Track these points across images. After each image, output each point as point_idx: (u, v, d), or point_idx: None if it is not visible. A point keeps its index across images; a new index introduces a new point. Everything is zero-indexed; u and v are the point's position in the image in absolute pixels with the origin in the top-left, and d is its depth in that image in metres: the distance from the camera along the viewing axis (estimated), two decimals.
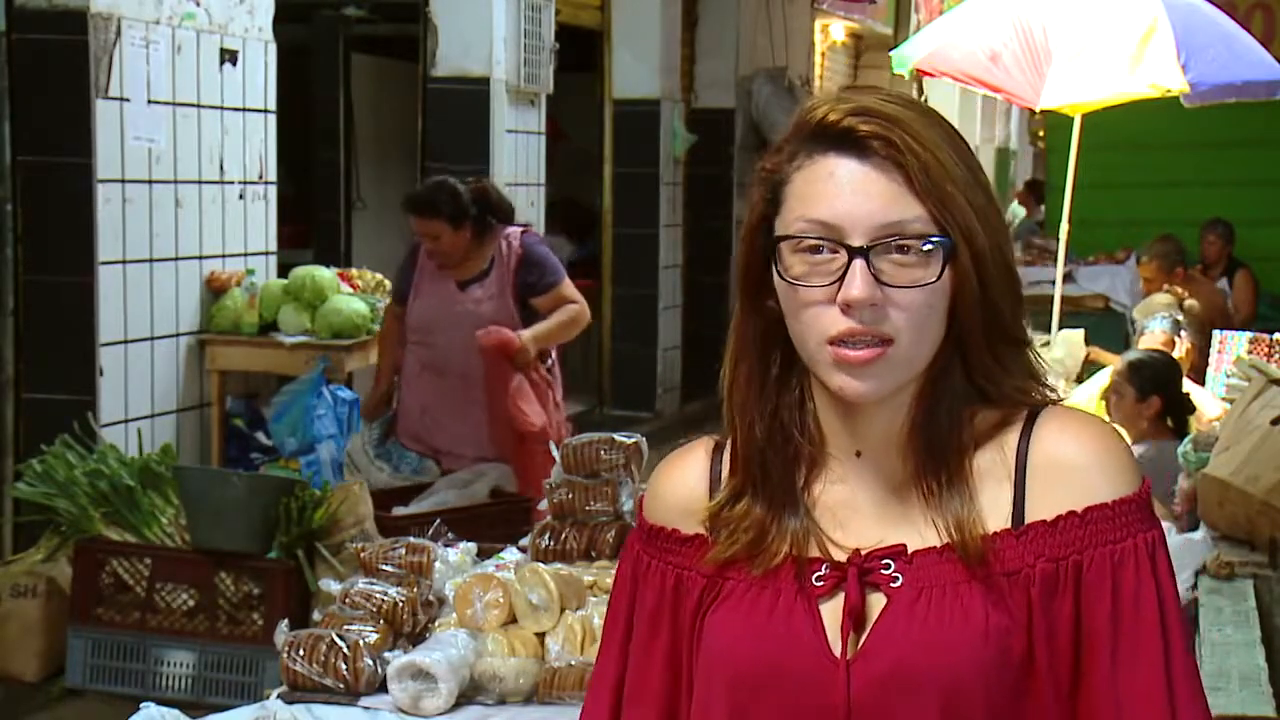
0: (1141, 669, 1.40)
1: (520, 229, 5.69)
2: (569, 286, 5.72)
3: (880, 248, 1.39)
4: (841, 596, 1.44)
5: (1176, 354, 6.23)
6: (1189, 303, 7.44)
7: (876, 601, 1.44)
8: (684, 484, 1.57)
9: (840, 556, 1.46)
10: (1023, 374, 1.47)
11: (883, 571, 1.44)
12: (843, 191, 1.40)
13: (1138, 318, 7.29)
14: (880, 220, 1.39)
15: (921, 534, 1.44)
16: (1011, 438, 1.46)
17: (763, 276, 1.47)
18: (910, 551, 1.43)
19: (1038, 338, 6.66)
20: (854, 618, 1.43)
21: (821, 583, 1.45)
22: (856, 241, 1.39)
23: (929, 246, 1.40)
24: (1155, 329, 6.64)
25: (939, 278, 1.40)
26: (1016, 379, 1.47)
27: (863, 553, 1.44)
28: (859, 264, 1.39)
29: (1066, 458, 1.44)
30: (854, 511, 1.48)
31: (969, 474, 1.44)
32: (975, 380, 1.45)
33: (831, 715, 1.42)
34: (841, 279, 1.39)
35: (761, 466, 1.49)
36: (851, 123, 1.41)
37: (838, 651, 1.43)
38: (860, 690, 1.41)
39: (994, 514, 1.43)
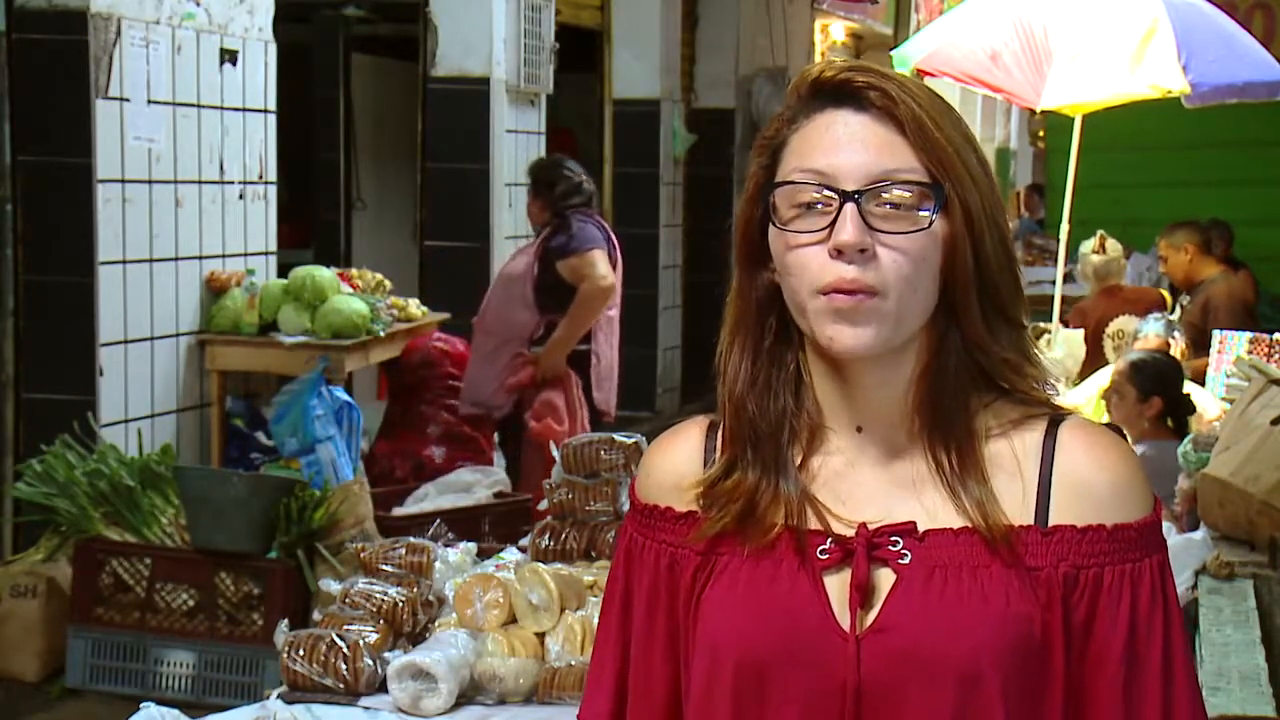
0: (1149, 684, 1.42)
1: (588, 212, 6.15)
2: (591, 260, 5.98)
3: (872, 194, 1.40)
4: (846, 572, 1.42)
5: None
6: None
7: (883, 578, 1.41)
8: (677, 461, 1.55)
9: (843, 530, 1.43)
10: (1015, 351, 1.47)
11: (890, 548, 1.42)
12: (839, 142, 1.42)
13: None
14: (874, 168, 1.41)
15: (931, 513, 1.43)
16: (1031, 438, 1.46)
17: (761, 244, 1.47)
18: (921, 530, 1.42)
19: (1039, 338, 6.65)
20: (862, 593, 1.41)
21: (826, 555, 1.43)
22: (849, 187, 1.40)
23: (922, 199, 1.41)
24: (1149, 332, 6.59)
25: (930, 225, 1.41)
26: (1008, 352, 1.46)
27: (870, 527, 1.43)
28: (850, 208, 1.39)
29: (1096, 477, 1.44)
30: (855, 486, 1.46)
31: (981, 460, 1.44)
32: (971, 354, 1.45)
33: (840, 693, 1.39)
34: (833, 225, 1.40)
35: (753, 438, 1.48)
36: (848, 76, 1.44)
37: (845, 627, 1.40)
38: (872, 667, 1.39)
39: (1011, 507, 1.43)
